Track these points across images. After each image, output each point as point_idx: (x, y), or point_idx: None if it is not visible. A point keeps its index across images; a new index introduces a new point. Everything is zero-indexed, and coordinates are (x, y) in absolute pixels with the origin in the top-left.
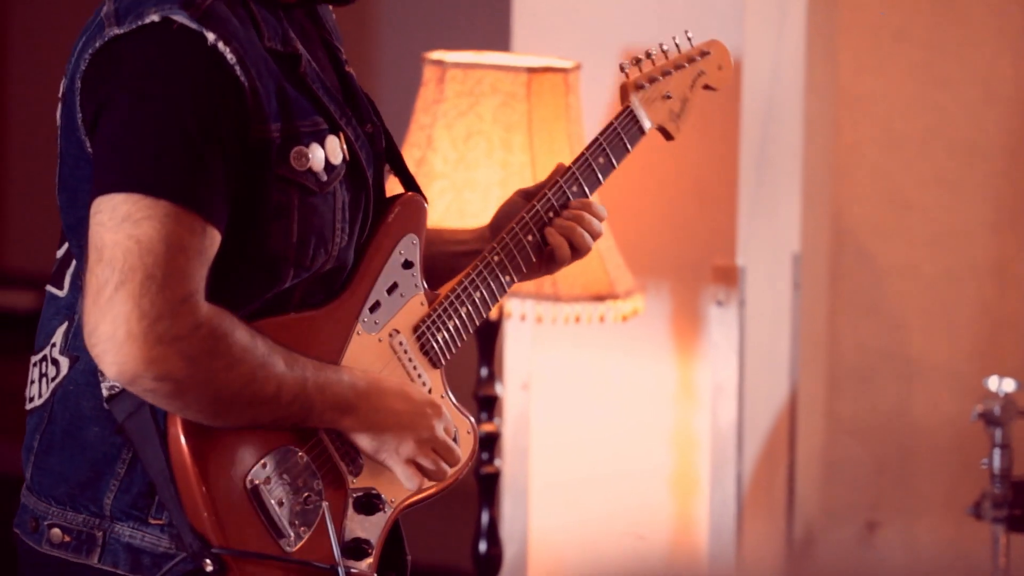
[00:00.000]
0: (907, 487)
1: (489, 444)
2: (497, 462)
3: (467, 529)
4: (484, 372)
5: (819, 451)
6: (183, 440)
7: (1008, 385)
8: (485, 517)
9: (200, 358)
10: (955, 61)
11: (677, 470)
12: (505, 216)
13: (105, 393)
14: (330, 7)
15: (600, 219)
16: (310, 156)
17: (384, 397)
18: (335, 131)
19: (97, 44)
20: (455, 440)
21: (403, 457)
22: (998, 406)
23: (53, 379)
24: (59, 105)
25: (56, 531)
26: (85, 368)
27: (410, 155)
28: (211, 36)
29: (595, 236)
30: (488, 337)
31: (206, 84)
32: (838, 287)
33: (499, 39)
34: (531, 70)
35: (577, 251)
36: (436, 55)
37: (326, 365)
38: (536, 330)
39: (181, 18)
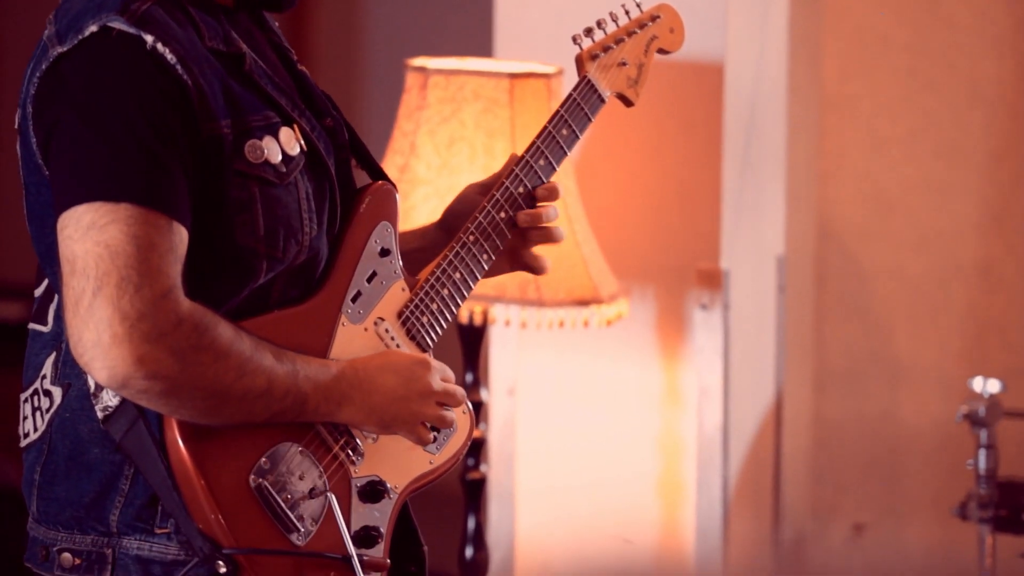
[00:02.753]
0: (894, 489)
1: (475, 450)
2: (483, 467)
3: (454, 535)
4: (469, 378)
5: (805, 454)
6: (181, 444)
7: (993, 386)
8: (471, 523)
9: (187, 353)
10: (939, 64)
11: (663, 474)
12: (459, 210)
13: (100, 415)
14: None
15: (549, 220)
16: (264, 148)
17: (374, 378)
18: (288, 123)
19: (43, 66)
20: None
21: (410, 423)
22: (983, 407)
23: (48, 410)
24: (17, 137)
25: (67, 555)
26: (78, 393)
27: (393, 161)
28: (149, 38)
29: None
30: (473, 343)
31: (150, 86)
32: (823, 290)
33: (481, 45)
34: (513, 76)
35: (549, 241)
36: (418, 61)
37: (313, 359)
38: (521, 335)
39: (118, 24)
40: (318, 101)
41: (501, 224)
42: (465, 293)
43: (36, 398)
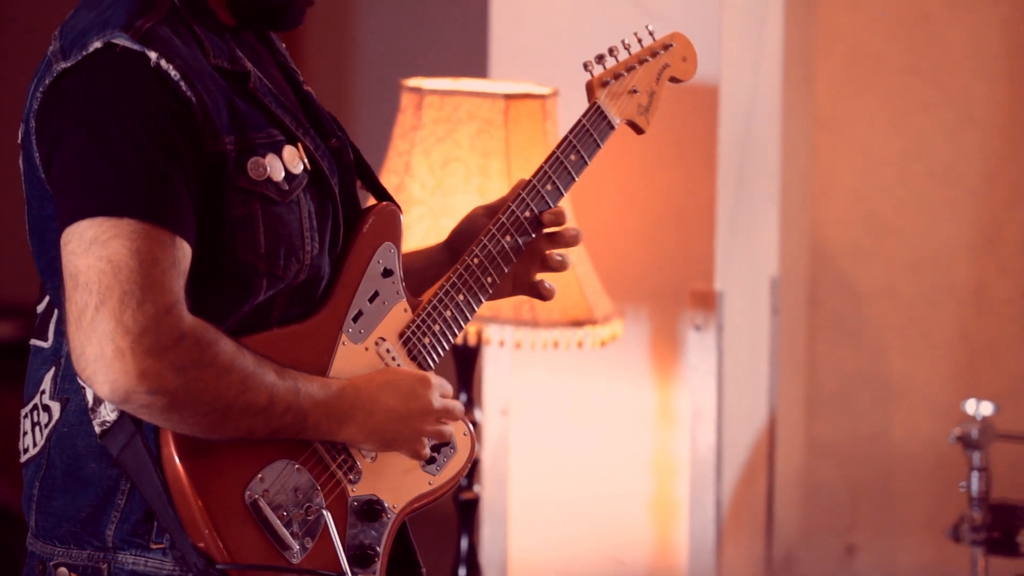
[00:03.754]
0: (886, 510)
1: (469, 470)
2: (476, 487)
3: (447, 555)
4: (463, 398)
5: (798, 475)
6: (177, 459)
7: (986, 408)
8: (464, 543)
9: (189, 368)
10: (932, 85)
11: (656, 494)
12: (465, 232)
13: (98, 430)
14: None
15: (570, 245)
16: (267, 166)
17: (375, 396)
18: (292, 141)
19: (47, 81)
20: (452, 441)
21: (410, 440)
22: (976, 429)
23: (46, 425)
24: (20, 151)
25: (63, 570)
26: (76, 408)
27: (388, 181)
28: (153, 55)
29: (561, 269)
30: (467, 363)
31: (153, 102)
32: (816, 311)
33: (477, 66)
34: (508, 96)
35: (553, 270)
36: (414, 82)
37: (314, 377)
38: (515, 356)
39: (122, 41)
40: (324, 121)
41: (506, 248)
42: (468, 316)
43: (36, 413)
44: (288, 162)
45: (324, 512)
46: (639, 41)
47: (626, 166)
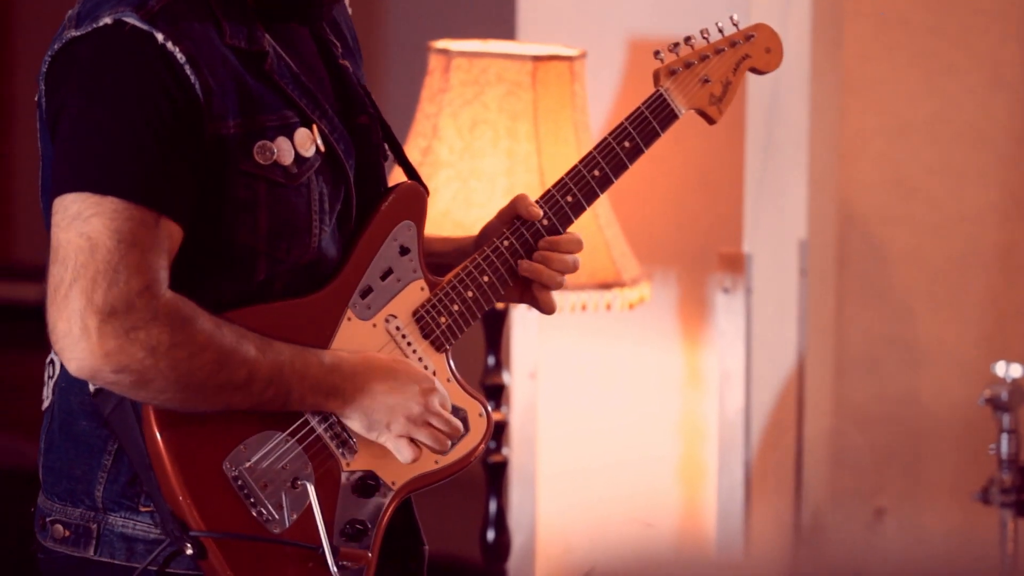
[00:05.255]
0: (915, 473)
1: (497, 433)
2: (505, 451)
3: (475, 518)
4: (491, 361)
5: (826, 438)
6: (156, 425)
7: (1015, 370)
8: (493, 505)
9: (160, 349)
10: (961, 47)
11: (684, 457)
12: (496, 225)
13: (91, 388)
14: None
15: (576, 251)
16: (275, 149)
17: (371, 377)
18: (307, 124)
19: (56, 47)
20: (465, 422)
21: (395, 434)
22: (1005, 391)
23: (51, 379)
24: (36, 110)
25: (58, 527)
26: None
27: (415, 144)
28: (160, 36)
29: (569, 272)
30: (495, 326)
31: (154, 83)
32: (845, 274)
33: (504, 28)
34: (536, 58)
35: (547, 288)
36: (441, 44)
37: (306, 349)
38: (543, 319)
39: (132, 19)
40: (355, 97)
41: (543, 232)
42: (492, 298)
43: (50, 367)
44: (299, 145)
45: (307, 484)
46: (720, 31)
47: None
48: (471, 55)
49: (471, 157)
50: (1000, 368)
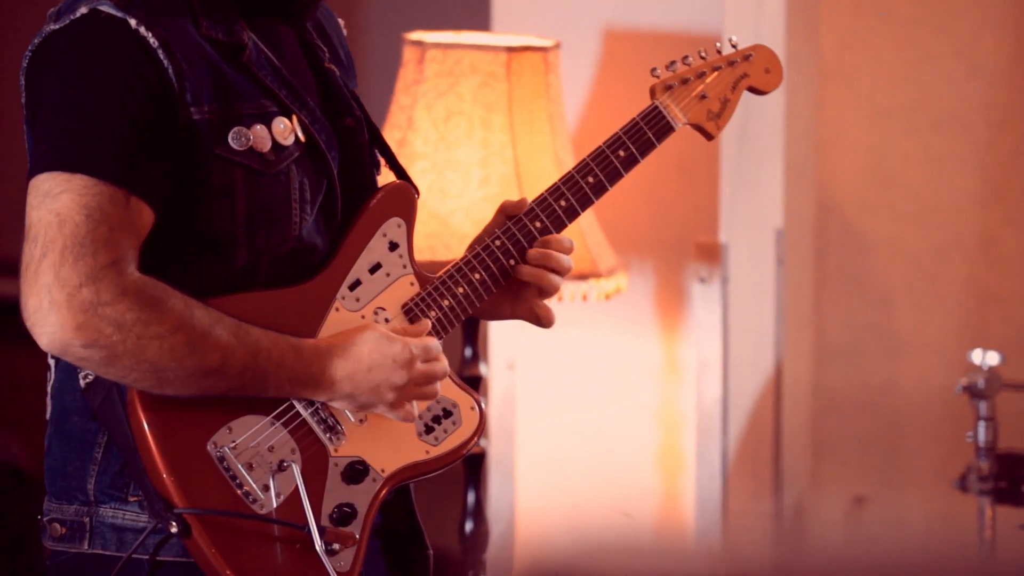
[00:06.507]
0: (894, 461)
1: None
2: (483, 442)
3: (454, 509)
4: (469, 352)
5: (805, 426)
6: (140, 407)
7: (992, 358)
8: (471, 497)
9: (129, 325)
10: (938, 35)
11: (663, 447)
12: (488, 228)
13: (82, 383)
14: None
15: (567, 252)
16: (251, 136)
17: (348, 361)
18: (286, 114)
19: (36, 41)
20: (457, 415)
21: (388, 407)
22: (982, 379)
23: (49, 381)
24: (23, 111)
25: (55, 525)
26: (66, 364)
27: (391, 136)
28: (133, 21)
29: (564, 273)
30: (472, 318)
31: (128, 67)
32: (823, 262)
33: (479, 19)
34: (510, 49)
35: (544, 293)
36: (416, 36)
37: (283, 337)
38: None
39: (107, 7)
40: (340, 100)
41: (534, 233)
42: (484, 295)
43: (48, 373)
44: (278, 134)
45: (293, 465)
46: (718, 51)
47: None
48: (445, 46)
49: (446, 148)
50: (977, 356)
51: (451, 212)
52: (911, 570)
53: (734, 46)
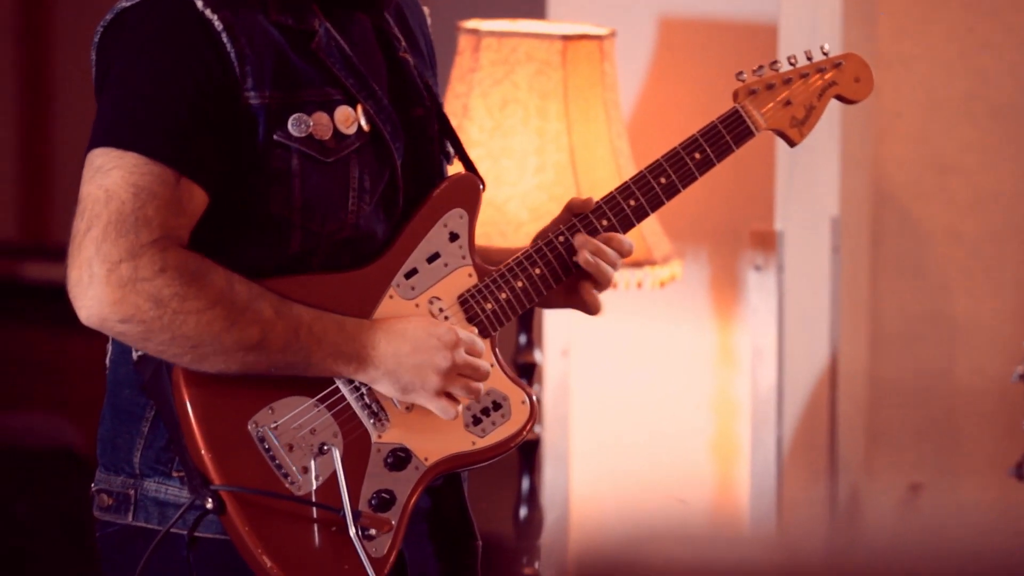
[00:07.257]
0: (950, 449)
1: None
2: (537, 428)
3: (508, 495)
4: (523, 339)
5: (860, 414)
6: (183, 383)
7: None
8: (526, 483)
9: (167, 300)
10: (996, 23)
11: (717, 434)
12: (552, 225)
13: (135, 356)
14: None
15: (625, 255)
16: (311, 123)
17: (393, 341)
18: (351, 103)
19: (108, 17)
20: (508, 408)
21: (430, 392)
22: None
23: (108, 354)
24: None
25: (103, 495)
26: None
27: None
28: (200, 3)
29: (613, 267)
30: None
31: (190, 47)
32: (879, 250)
33: (534, 7)
34: (566, 38)
35: (600, 285)
36: (471, 24)
37: (326, 314)
38: None
39: None
40: (412, 90)
41: (600, 231)
42: (543, 289)
43: (108, 343)
44: (340, 122)
45: (334, 449)
46: (808, 58)
47: (685, 105)
48: (501, 35)
49: (501, 136)
50: None
51: (506, 200)
52: (966, 557)
53: (825, 53)
